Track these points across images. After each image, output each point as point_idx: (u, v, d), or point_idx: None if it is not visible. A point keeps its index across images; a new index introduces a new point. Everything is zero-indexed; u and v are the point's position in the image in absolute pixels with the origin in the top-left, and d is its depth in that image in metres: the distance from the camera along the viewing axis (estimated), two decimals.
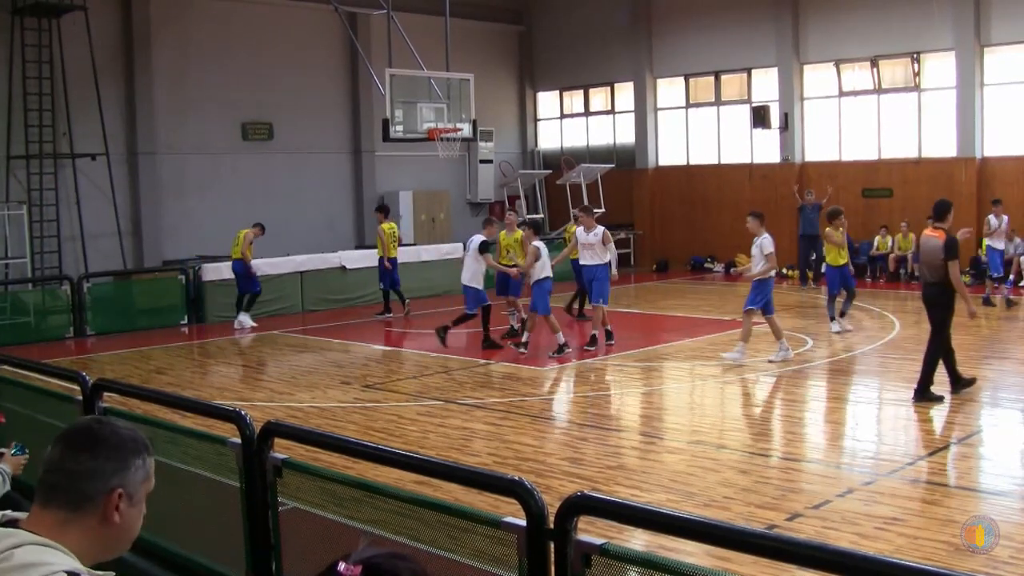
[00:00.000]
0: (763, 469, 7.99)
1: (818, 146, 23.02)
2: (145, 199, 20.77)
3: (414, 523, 3.74)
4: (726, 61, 23.94)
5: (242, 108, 22.11)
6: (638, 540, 5.52)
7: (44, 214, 19.07)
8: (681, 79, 25.13)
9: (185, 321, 17.42)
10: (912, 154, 21.45)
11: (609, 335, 13.81)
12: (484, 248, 14.18)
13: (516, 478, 3.33)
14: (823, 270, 15.87)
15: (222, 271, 17.98)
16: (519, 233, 14.42)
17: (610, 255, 13.66)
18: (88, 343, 16.03)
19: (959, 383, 9.98)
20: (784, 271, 22.64)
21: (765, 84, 23.57)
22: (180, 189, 21.23)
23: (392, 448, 6.43)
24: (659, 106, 25.71)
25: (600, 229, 13.73)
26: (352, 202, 24.20)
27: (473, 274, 14.08)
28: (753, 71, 23.73)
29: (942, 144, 20.98)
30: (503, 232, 14.88)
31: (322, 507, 4.29)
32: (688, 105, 25.12)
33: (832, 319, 14.45)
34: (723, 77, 24.28)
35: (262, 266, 18.48)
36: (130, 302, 17.85)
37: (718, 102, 24.51)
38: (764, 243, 12.42)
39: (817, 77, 22.84)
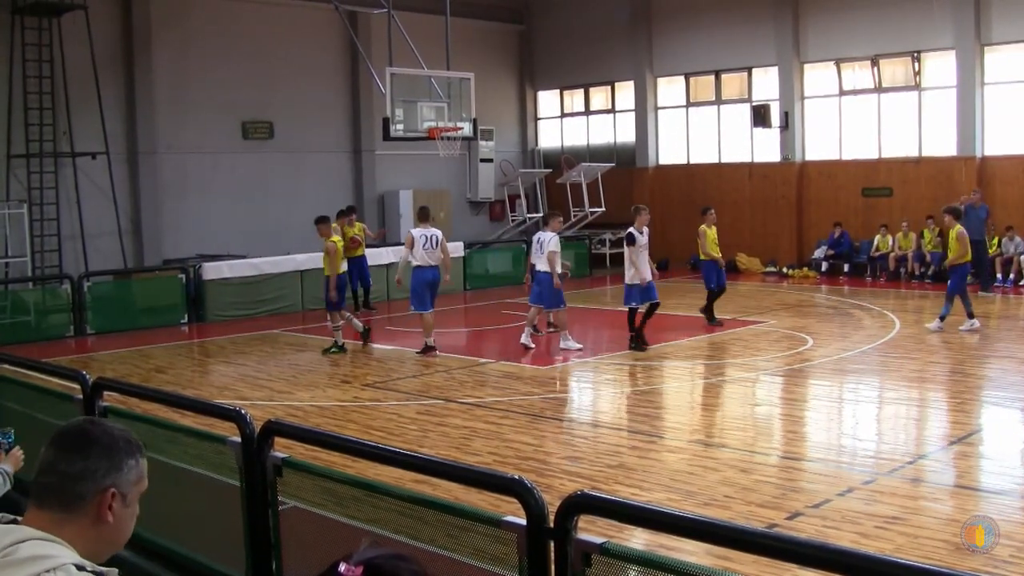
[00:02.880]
0: (763, 468, 7.98)
1: (818, 145, 23.01)
2: (145, 198, 20.76)
3: (414, 522, 3.73)
4: (726, 60, 23.92)
5: (242, 107, 22.10)
6: (638, 539, 5.52)
7: (44, 213, 19.05)
8: (681, 78, 25.12)
9: (185, 320, 17.41)
10: (912, 153, 21.43)
11: (428, 348, 13.43)
12: (631, 240, 13.51)
13: (516, 477, 3.32)
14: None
15: (222, 270, 17.99)
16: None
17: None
18: (88, 342, 16.02)
19: None
20: (784, 270, 22.67)
21: (765, 83, 23.56)
22: (180, 188, 21.22)
23: (392, 447, 6.42)
24: (659, 105, 25.70)
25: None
26: (352, 201, 24.16)
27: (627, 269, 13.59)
28: (753, 70, 23.72)
29: (942, 143, 20.97)
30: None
31: (322, 506, 4.29)
32: (688, 104, 25.11)
33: (970, 315, 13.88)
34: (723, 76, 24.26)
35: (261, 265, 18.50)
36: (130, 301, 17.84)
37: (718, 101, 24.50)
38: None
39: (817, 76, 22.83)
